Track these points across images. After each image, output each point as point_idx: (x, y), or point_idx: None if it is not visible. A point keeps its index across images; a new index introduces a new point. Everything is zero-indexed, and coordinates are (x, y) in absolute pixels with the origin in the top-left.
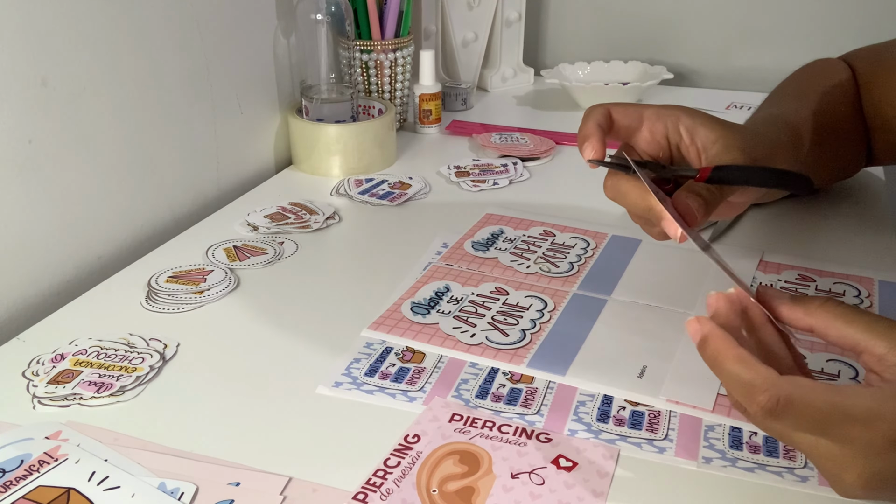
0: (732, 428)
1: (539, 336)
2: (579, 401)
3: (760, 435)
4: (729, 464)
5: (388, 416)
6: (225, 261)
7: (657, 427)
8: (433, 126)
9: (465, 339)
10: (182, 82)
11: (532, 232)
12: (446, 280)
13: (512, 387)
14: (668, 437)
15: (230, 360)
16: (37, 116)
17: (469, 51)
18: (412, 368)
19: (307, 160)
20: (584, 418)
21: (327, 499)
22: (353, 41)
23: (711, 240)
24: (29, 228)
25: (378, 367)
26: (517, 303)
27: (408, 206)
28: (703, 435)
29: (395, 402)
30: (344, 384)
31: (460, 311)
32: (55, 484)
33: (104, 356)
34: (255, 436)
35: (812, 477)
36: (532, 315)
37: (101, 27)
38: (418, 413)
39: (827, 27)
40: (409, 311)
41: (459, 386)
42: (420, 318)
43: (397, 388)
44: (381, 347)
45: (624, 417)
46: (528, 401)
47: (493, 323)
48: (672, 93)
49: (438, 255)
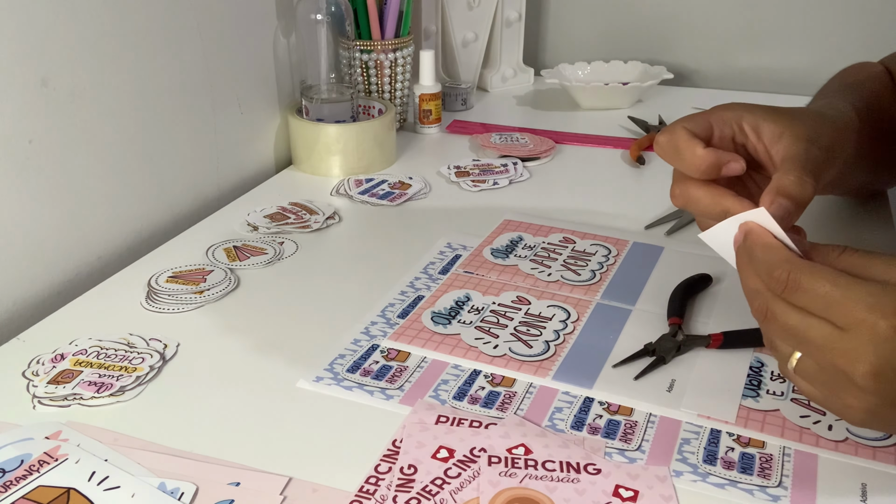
0: (709, 442)
1: (563, 348)
2: (556, 406)
3: (737, 451)
4: (699, 479)
5: (376, 415)
6: (225, 261)
7: (631, 437)
8: (433, 126)
9: (489, 351)
10: (182, 82)
11: (552, 238)
12: (466, 289)
13: (491, 389)
14: (641, 448)
15: (230, 360)
16: (37, 116)
17: (469, 51)
18: (395, 367)
19: (307, 160)
20: (559, 425)
21: (327, 499)
22: (353, 41)
23: (670, 232)
24: (29, 228)
25: (361, 363)
26: (539, 313)
27: (408, 206)
28: (677, 448)
29: (373, 399)
30: (325, 379)
31: (482, 321)
32: (55, 484)
33: (104, 356)
34: (255, 436)
35: (784, 497)
36: (555, 326)
37: (101, 27)
38: (397, 411)
39: (827, 27)
40: (429, 321)
41: (438, 387)
42: (441, 329)
43: (375, 386)
44: (367, 345)
45: (599, 426)
46: (505, 405)
47: (515, 334)
48: (672, 93)
49: (441, 256)
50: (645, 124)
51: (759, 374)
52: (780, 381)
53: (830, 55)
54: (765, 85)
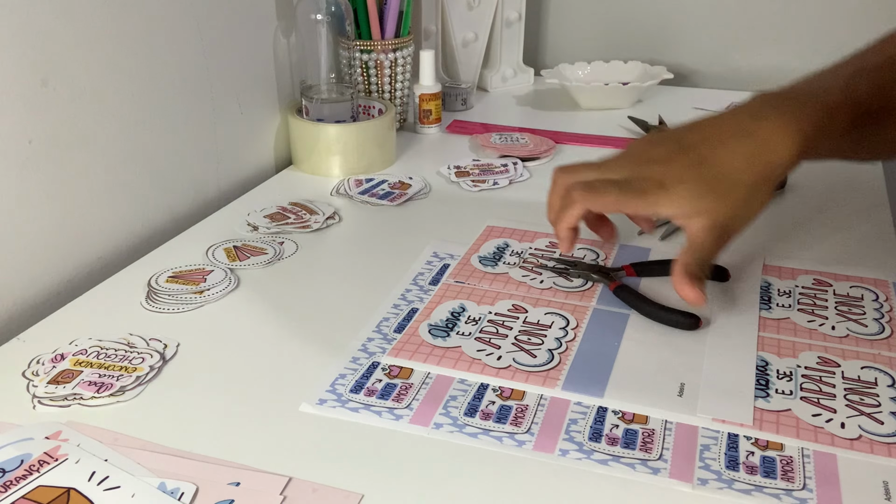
0: (728, 447)
1: (568, 356)
2: (571, 418)
3: (757, 455)
4: (725, 486)
5: (384, 434)
6: (225, 261)
7: (651, 446)
8: (433, 126)
9: (493, 363)
10: (182, 82)
11: (538, 244)
12: (459, 299)
13: (502, 403)
14: (663, 458)
15: (230, 360)
16: (37, 116)
17: (469, 51)
18: (399, 384)
19: (307, 160)
20: (576, 437)
21: (327, 499)
22: (353, 41)
23: (664, 237)
24: (29, 228)
25: (364, 382)
26: (538, 321)
27: (408, 206)
28: (698, 455)
29: (381, 420)
30: (328, 402)
31: (481, 331)
32: (55, 484)
33: (104, 356)
34: (255, 436)
35: (811, 500)
36: (556, 333)
37: (101, 27)
38: (409, 431)
39: (827, 27)
40: (427, 335)
41: (448, 403)
42: (441, 342)
43: (383, 406)
44: (367, 362)
45: (617, 436)
46: (518, 419)
47: (517, 343)
48: (672, 93)
49: (429, 266)
50: (645, 124)
51: (765, 374)
52: (788, 379)
53: (830, 55)
54: (765, 85)
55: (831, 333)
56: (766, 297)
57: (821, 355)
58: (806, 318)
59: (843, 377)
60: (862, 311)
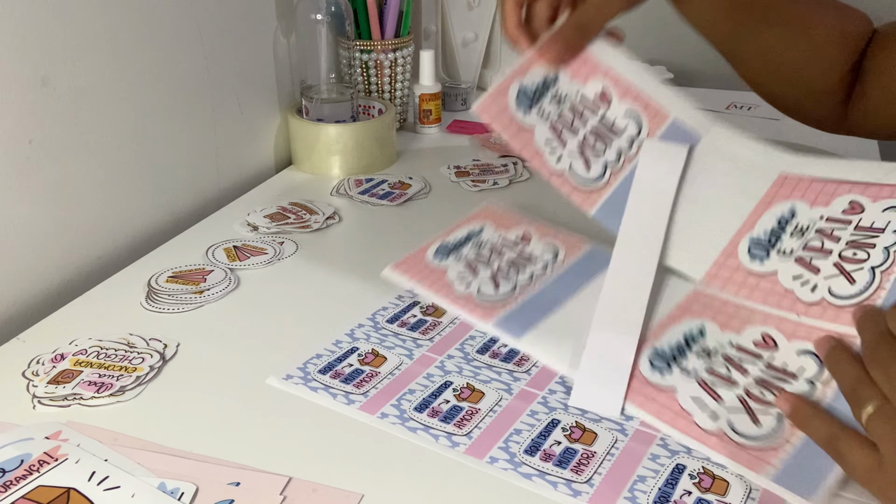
0: (667, 483)
1: (529, 292)
2: (516, 428)
3: (694, 496)
4: None
5: (338, 419)
6: (225, 261)
7: (583, 469)
8: (433, 126)
9: (461, 290)
10: (182, 82)
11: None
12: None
13: (455, 404)
14: (591, 482)
15: (230, 360)
16: (37, 116)
17: (469, 51)
18: (366, 371)
19: (307, 160)
20: (512, 447)
21: (327, 499)
22: (353, 41)
23: None
24: (29, 228)
25: (335, 365)
26: (532, 252)
27: (408, 206)
28: (629, 485)
29: (335, 402)
30: (294, 377)
31: (477, 255)
32: (55, 484)
33: (104, 356)
34: (254, 436)
35: None
36: (537, 267)
37: (101, 27)
38: (355, 417)
39: None
40: (433, 258)
41: (403, 396)
42: (438, 263)
43: (341, 389)
44: (347, 347)
45: (554, 453)
46: (465, 421)
47: (494, 276)
48: None
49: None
50: None
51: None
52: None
53: None
54: None
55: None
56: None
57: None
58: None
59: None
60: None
